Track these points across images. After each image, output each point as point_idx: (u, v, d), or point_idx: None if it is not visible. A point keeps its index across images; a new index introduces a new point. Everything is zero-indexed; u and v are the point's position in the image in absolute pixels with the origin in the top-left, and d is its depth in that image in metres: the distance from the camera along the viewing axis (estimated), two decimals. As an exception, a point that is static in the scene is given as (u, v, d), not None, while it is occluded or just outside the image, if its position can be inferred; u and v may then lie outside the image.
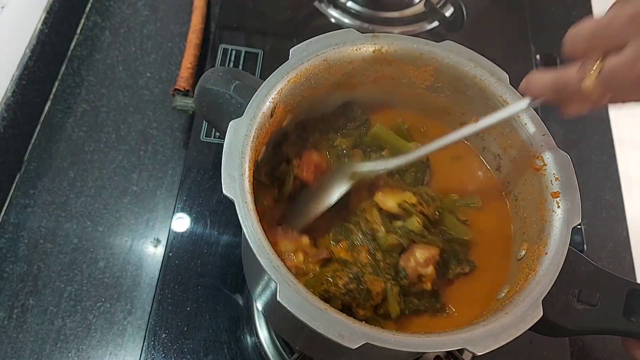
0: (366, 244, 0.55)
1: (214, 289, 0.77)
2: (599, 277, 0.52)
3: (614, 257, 0.88)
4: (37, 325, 0.77)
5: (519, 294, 0.48)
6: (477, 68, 0.57)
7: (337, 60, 0.56)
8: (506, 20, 1.04)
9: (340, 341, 0.42)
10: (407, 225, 0.55)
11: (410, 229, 0.54)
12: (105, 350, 0.76)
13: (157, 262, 0.81)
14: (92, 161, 0.89)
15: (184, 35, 0.99)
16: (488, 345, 0.44)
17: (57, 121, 0.92)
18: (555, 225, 0.51)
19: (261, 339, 0.74)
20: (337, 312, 0.44)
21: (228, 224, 0.82)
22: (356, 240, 0.55)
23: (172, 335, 0.74)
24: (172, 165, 0.90)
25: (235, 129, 0.50)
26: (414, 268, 0.53)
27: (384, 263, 0.54)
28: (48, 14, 0.94)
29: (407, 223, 0.55)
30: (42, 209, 0.85)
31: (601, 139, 0.97)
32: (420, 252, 0.53)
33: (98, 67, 0.98)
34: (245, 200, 0.46)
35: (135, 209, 0.86)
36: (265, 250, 0.44)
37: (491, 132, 0.60)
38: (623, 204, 0.92)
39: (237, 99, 0.54)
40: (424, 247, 0.54)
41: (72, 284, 0.80)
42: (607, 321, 0.52)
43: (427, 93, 0.61)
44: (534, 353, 0.76)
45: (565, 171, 0.53)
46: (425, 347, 0.45)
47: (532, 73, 0.49)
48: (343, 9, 1.01)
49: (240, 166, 0.48)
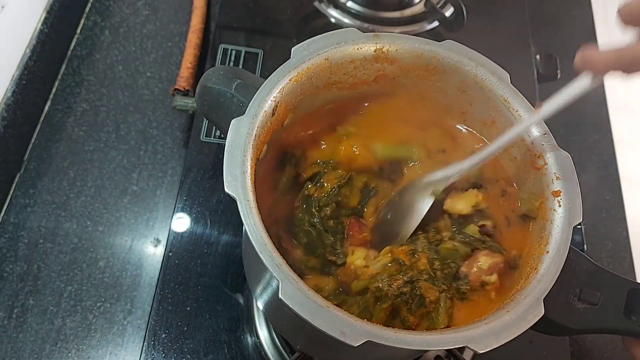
0: (427, 251, 0.54)
1: (214, 288, 0.77)
2: (600, 276, 0.52)
3: (614, 257, 0.88)
4: (37, 325, 0.77)
5: (521, 293, 0.48)
6: (478, 68, 0.57)
7: (338, 59, 0.56)
8: (506, 21, 1.04)
9: (342, 339, 0.42)
10: (467, 231, 0.55)
11: (470, 235, 0.54)
12: (105, 350, 0.76)
13: (157, 262, 0.81)
14: (92, 161, 0.89)
15: (184, 35, 0.99)
16: (489, 344, 0.44)
17: (57, 121, 0.92)
18: (557, 224, 0.51)
19: (261, 339, 0.74)
20: (338, 309, 0.44)
21: (228, 223, 0.82)
22: (419, 247, 0.55)
23: (172, 335, 0.73)
24: (172, 165, 0.90)
25: (237, 127, 0.49)
26: (476, 274, 0.53)
27: (441, 272, 0.54)
28: (48, 14, 0.94)
29: (467, 229, 0.55)
30: (42, 209, 0.85)
31: (601, 139, 0.98)
32: (485, 259, 0.53)
33: (98, 67, 0.98)
34: (247, 198, 0.46)
35: (135, 209, 0.86)
36: (267, 247, 0.44)
37: (491, 131, 0.60)
38: (623, 204, 0.92)
39: (239, 98, 0.54)
40: (488, 254, 0.54)
41: (72, 284, 0.80)
42: (608, 320, 0.51)
43: (428, 92, 0.61)
44: (534, 352, 0.76)
45: (566, 170, 0.53)
46: (426, 344, 0.45)
47: (585, 49, 0.47)
48: (343, 9, 1.01)
49: (242, 164, 0.48)
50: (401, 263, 0.54)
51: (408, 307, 0.51)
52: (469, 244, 0.54)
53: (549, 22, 1.08)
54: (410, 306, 0.51)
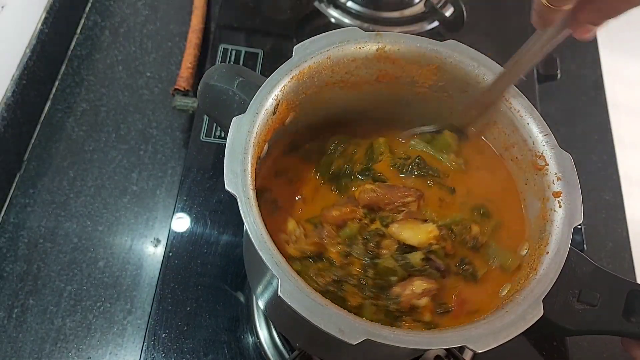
0: (362, 258, 0.54)
1: (214, 288, 0.77)
2: (600, 277, 0.52)
3: (614, 257, 0.88)
4: (37, 324, 0.77)
5: (520, 293, 0.48)
6: (480, 67, 0.57)
7: (340, 58, 0.56)
8: (506, 20, 1.04)
9: (340, 337, 0.42)
10: (409, 259, 0.54)
11: (411, 264, 0.54)
12: (105, 350, 0.76)
13: (157, 261, 0.81)
14: (92, 161, 0.89)
15: (184, 35, 0.99)
16: (488, 343, 0.44)
17: (57, 121, 0.92)
18: (557, 224, 0.51)
19: (261, 339, 0.74)
20: (338, 308, 0.44)
21: (228, 223, 0.81)
22: (354, 251, 0.54)
23: (172, 335, 0.73)
24: (172, 165, 0.90)
25: (238, 125, 0.50)
26: (408, 297, 0.52)
27: (372, 282, 0.53)
28: (48, 14, 0.94)
29: (410, 256, 0.54)
30: (42, 209, 0.85)
31: (601, 139, 0.98)
32: (419, 284, 0.52)
33: (98, 67, 0.98)
34: (248, 196, 0.46)
35: (135, 209, 0.86)
36: (267, 246, 0.44)
37: (493, 132, 0.60)
38: (623, 204, 0.92)
39: (241, 96, 0.54)
40: (424, 279, 0.53)
41: (72, 284, 0.80)
42: (607, 322, 0.52)
43: (429, 92, 0.61)
44: (534, 352, 0.76)
45: (567, 171, 0.53)
46: (425, 344, 0.45)
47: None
48: (343, 9, 1.01)
49: (242, 162, 0.48)
50: (331, 262, 0.54)
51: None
52: (402, 267, 0.53)
53: (549, 22, 1.08)
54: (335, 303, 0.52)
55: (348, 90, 0.60)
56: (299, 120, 0.58)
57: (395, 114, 0.63)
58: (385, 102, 0.62)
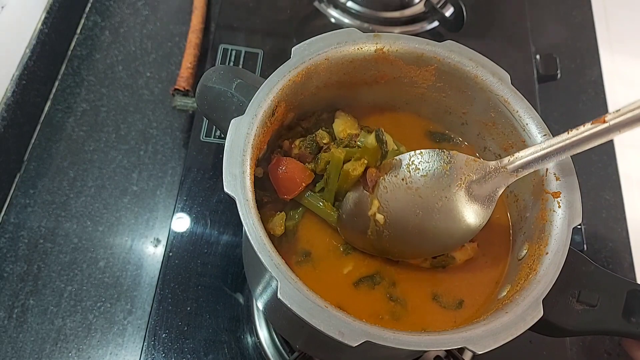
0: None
1: (214, 288, 0.77)
2: (599, 277, 0.52)
3: (614, 257, 0.88)
4: (37, 325, 0.77)
5: (520, 294, 0.48)
6: (479, 68, 0.56)
7: (338, 59, 0.56)
8: (506, 21, 1.04)
9: (340, 339, 0.42)
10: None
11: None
12: (105, 350, 0.76)
13: (157, 262, 0.81)
14: (92, 161, 0.89)
15: (184, 35, 0.99)
16: (488, 344, 0.44)
17: (57, 121, 0.92)
18: (556, 225, 0.51)
19: (261, 339, 0.74)
20: (337, 310, 0.44)
21: (228, 223, 0.82)
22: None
23: (172, 335, 0.74)
24: (172, 165, 0.90)
25: (236, 127, 0.49)
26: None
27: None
28: (48, 14, 0.94)
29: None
30: (42, 209, 0.85)
31: (601, 139, 0.97)
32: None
33: (98, 67, 0.98)
34: (247, 198, 0.46)
35: (135, 209, 0.86)
36: (266, 247, 0.44)
37: (492, 132, 0.60)
38: (623, 204, 0.92)
39: (239, 97, 0.54)
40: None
41: (72, 284, 0.80)
42: (607, 322, 0.51)
43: (428, 93, 0.61)
44: (534, 353, 0.76)
45: (566, 172, 0.53)
46: (425, 345, 0.45)
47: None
48: (343, 9, 1.01)
49: (241, 164, 0.48)
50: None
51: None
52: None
53: (549, 22, 1.08)
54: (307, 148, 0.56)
55: (346, 91, 0.60)
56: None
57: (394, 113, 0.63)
58: (383, 103, 0.62)
